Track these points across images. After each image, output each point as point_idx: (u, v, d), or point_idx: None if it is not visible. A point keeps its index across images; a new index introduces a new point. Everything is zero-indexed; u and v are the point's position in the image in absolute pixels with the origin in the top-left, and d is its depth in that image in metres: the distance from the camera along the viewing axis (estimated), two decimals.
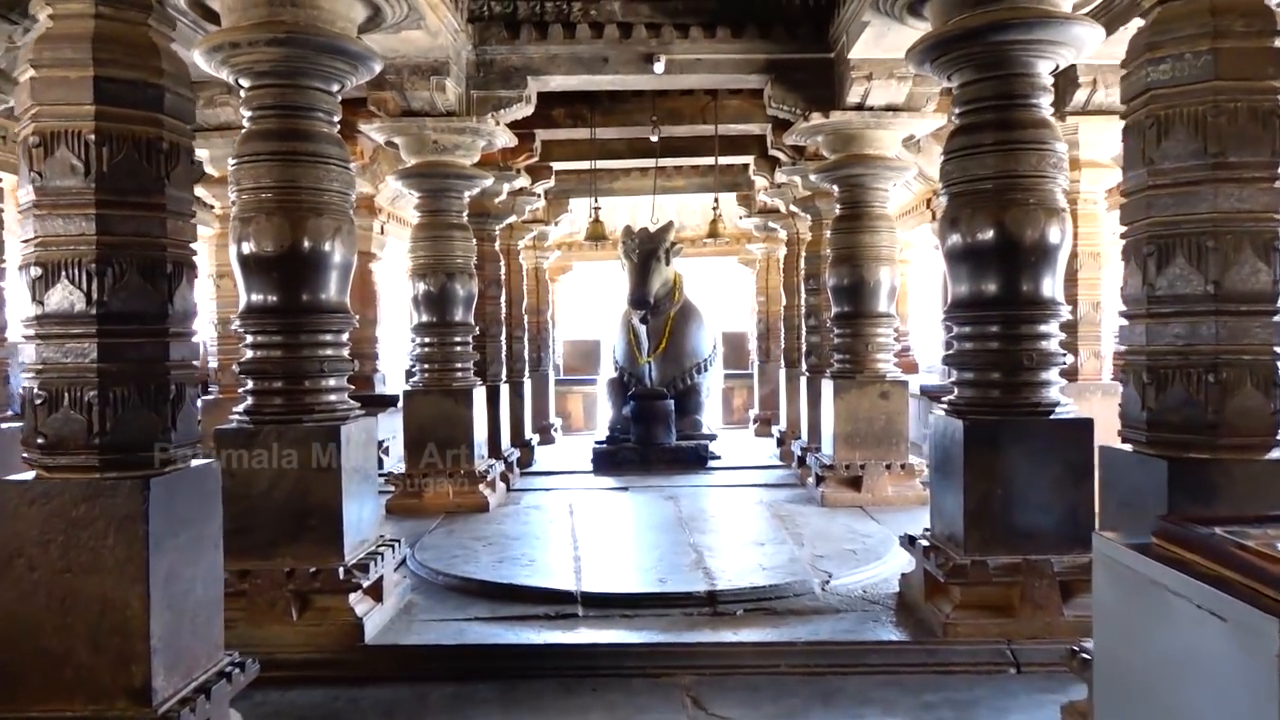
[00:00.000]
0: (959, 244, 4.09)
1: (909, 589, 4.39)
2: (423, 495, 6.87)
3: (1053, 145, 4.00)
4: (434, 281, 6.97)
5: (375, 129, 6.74)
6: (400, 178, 6.98)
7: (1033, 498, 3.90)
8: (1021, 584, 3.82)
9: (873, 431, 6.86)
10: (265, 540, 3.94)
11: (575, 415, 13.93)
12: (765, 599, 4.37)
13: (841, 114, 6.52)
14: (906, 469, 6.85)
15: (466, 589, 4.64)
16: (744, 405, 13.93)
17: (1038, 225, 3.93)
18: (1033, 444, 3.93)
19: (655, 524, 6.25)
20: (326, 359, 4.12)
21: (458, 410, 6.97)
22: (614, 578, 4.76)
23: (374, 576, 4.03)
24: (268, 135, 4.04)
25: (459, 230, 7.12)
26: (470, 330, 7.25)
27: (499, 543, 5.55)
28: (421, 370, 7.11)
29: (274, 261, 4.00)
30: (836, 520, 6.10)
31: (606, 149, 9.58)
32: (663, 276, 10.14)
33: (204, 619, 2.82)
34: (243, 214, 4.04)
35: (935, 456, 4.35)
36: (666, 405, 9.57)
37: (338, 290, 4.19)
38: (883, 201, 7.02)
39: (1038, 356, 3.98)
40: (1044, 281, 4.01)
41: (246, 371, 4.10)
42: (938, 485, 4.30)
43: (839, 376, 7.02)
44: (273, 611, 3.85)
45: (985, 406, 4.03)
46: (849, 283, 6.95)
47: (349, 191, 4.23)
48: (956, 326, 4.23)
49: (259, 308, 4.08)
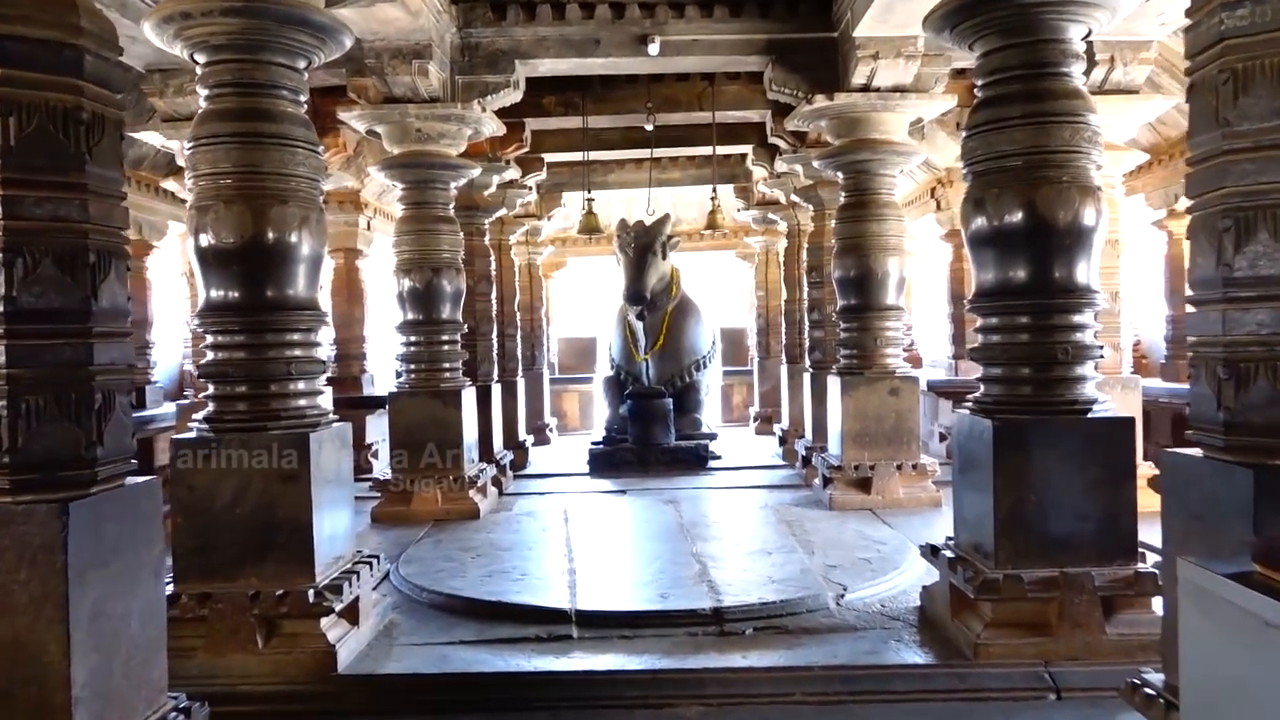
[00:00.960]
0: (984, 227, 3.74)
1: (932, 604, 4.05)
2: (410, 502, 6.51)
3: (1086, 118, 3.65)
4: (419, 277, 6.61)
5: (355, 117, 6.38)
6: (383, 168, 6.62)
7: (1069, 504, 3.56)
8: (1059, 600, 3.48)
9: (882, 430, 6.52)
10: (228, 560, 3.59)
11: (571, 415, 13.58)
12: (776, 616, 4.02)
13: (846, 96, 6.18)
14: (918, 469, 6.51)
15: (452, 607, 4.29)
16: (744, 403, 13.59)
17: (1071, 205, 3.59)
18: (1069, 445, 3.58)
19: (655, 531, 5.90)
20: (294, 360, 3.75)
21: (446, 412, 6.61)
22: (611, 593, 4.41)
23: (349, 598, 3.68)
24: (226, 115, 3.68)
25: (445, 223, 6.76)
26: (458, 328, 6.89)
27: (489, 554, 5.20)
28: (408, 370, 6.75)
29: (235, 254, 3.64)
30: (847, 525, 5.76)
31: (600, 139, 9.24)
32: (659, 271, 9.78)
33: (140, 660, 2.47)
34: (200, 202, 3.68)
35: (959, 459, 4.00)
36: (665, 404, 9.22)
37: (306, 285, 3.83)
38: (890, 188, 6.67)
39: (1073, 350, 3.63)
40: (1078, 267, 3.66)
41: (206, 375, 3.75)
42: (962, 490, 3.95)
43: (846, 373, 6.68)
44: (236, 639, 3.49)
45: (1015, 405, 3.68)
46: (855, 274, 6.61)
47: (317, 177, 3.87)
48: (982, 318, 3.88)
49: (219, 305, 3.72)
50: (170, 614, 3.44)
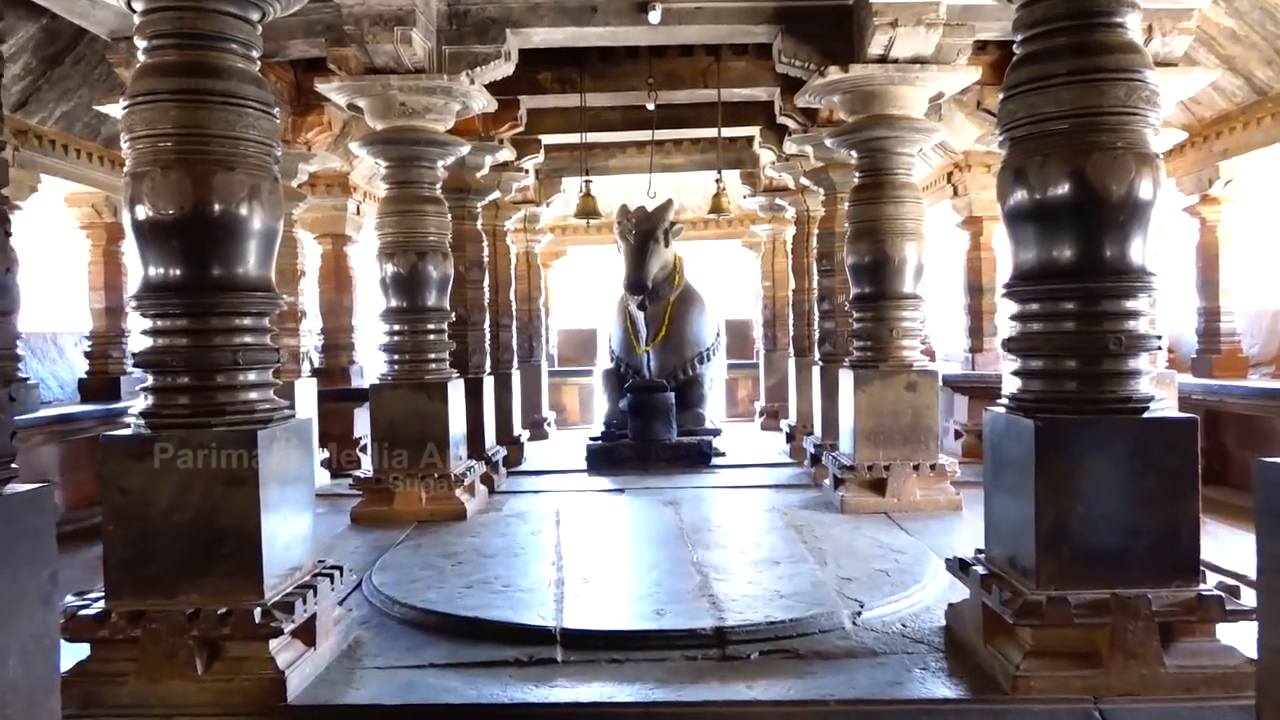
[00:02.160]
0: (1025, 200, 3.30)
1: (960, 625, 3.61)
2: (392, 502, 6.09)
3: (1144, 74, 3.19)
4: (403, 262, 6.18)
5: (334, 89, 5.94)
6: (364, 144, 6.19)
7: (1122, 516, 3.12)
8: (1110, 626, 3.04)
9: (898, 428, 6.08)
10: (165, 574, 3.17)
11: (570, 408, 13.15)
12: (785, 637, 3.59)
13: (862, 68, 5.73)
14: (937, 470, 6.06)
15: (425, 623, 3.86)
16: (749, 397, 13.14)
17: (1125, 174, 3.14)
18: (1121, 449, 3.14)
19: (652, 536, 5.46)
20: (243, 348, 3.32)
21: (431, 406, 6.18)
22: (602, 608, 3.97)
23: (303, 616, 3.25)
24: (165, 70, 3.24)
25: (432, 204, 6.32)
26: (445, 316, 6.45)
27: (471, 561, 4.78)
28: (390, 361, 6.32)
29: (174, 227, 3.20)
30: (861, 531, 5.32)
31: (599, 120, 8.80)
32: (662, 259, 9.34)
33: (25, 705, 2.05)
34: (135, 169, 3.25)
35: (992, 463, 3.56)
36: (666, 398, 8.78)
37: (258, 263, 3.39)
38: (907, 168, 6.22)
39: (1126, 340, 3.18)
40: (1132, 245, 3.21)
41: (143, 364, 3.31)
42: (996, 498, 3.51)
43: (859, 366, 6.23)
44: (172, 663, 3.07)
45: (1059, 402, 3.24)
46: (870, 260, 6.16)
47: (271, 143, 3.43)
48: (1021, 303, 3.44)
49: (158, 285, 3.28)
50: (99, 634, 3.06)
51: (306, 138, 7.37)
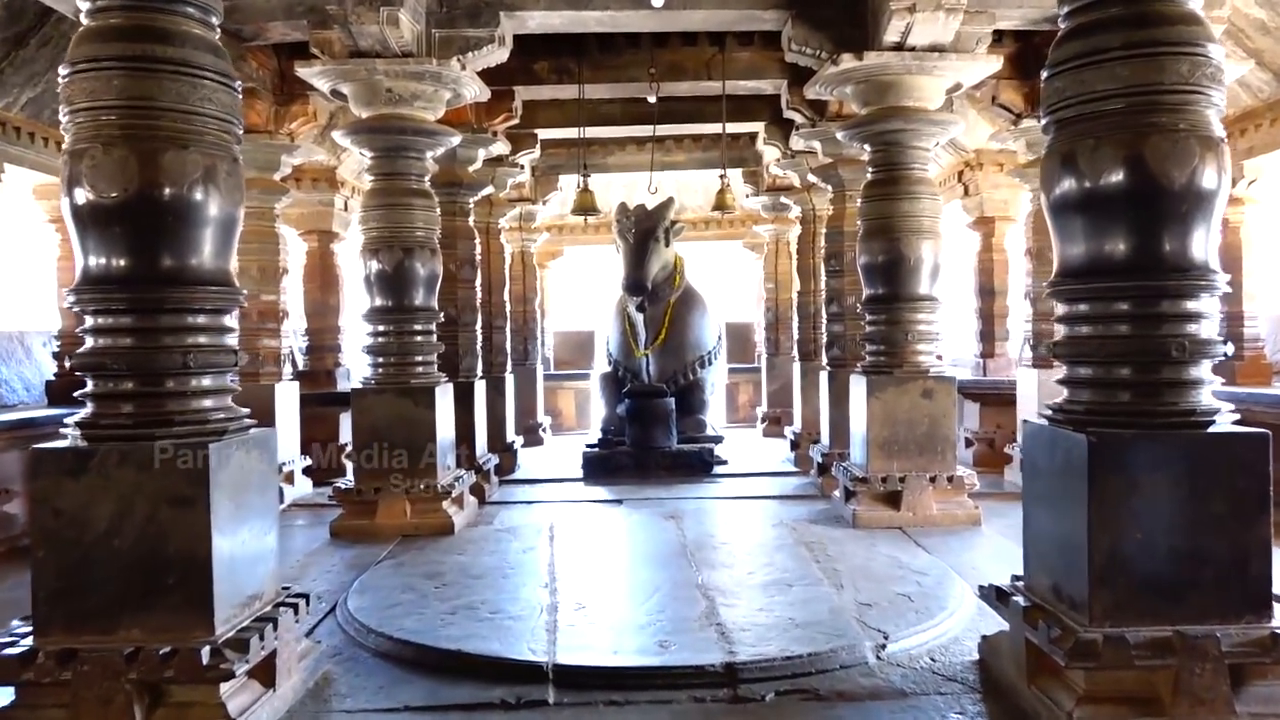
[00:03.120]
0: (1073, 190, 2.94)
1: (998, 661, 3.24)
2: (374, 515, 5.72)
3: (1206, 49, 2.84)
4: (388, 258, 5.81)
5: (316, 74, 5.59)
6: (348, 133, 5.83)
7: (1186, 543, 2.76)
8: (1175, 668, 2.68)
9: (913, 437, 5.72)
10: (102, 606, 2.79)
11: (566, 413, 12.78)
12: (803, 674, 3.22)
13: (877, 55, 5.39)
14: (954, 482, 5.70)
15: (403, 657, 3.48)
16: (750, 402, 12.79)
17: (1189, 160, 2.78)
18: (1184, 467, 2.78)
19: (653, 553, 5.09)
20: (196, 350, 2.95)
21: (417, 412, 5.81)
22: (599, 639, 3.60)
23: (259, 654, 2.88)
24: (111, 34, 2.88)
25: (420, 198, 5.95)
26: (433, 317, 6.08)
27: (457, 582, 4.40)
28: (374, 364, 5.94)
29: (117, 211, 2.83)
30: (876, 549, 4.95)
31: (598, 114, 8.44)
32: (662, 259, 8.97)
33: None
34: (75, 145, 2.88)
35: (1033, 481, 3.20)
36: (666, 403, 8.42)
37: (215, 254, 3.02)
38: (923, 163, 5.87)
39: (1189, 345, 2.83)
40: (1194, 239, 2.85)
41: (82, 368, 2.95)
42: (1038, 520, 3.15)
43: (872, 371, 5.87)
44: (107, 711, 2.69)
45: (1112, 415, 2.88)
46: (884, 260, 5.80)
47: (231, 119, 3.06)
48: (1067, 304, 3.09)
49: (98, 277, 2.91)
50: (24, 677, 2.68)
51: (290, 128, 7.02)
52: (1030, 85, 6.92)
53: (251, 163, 7.04)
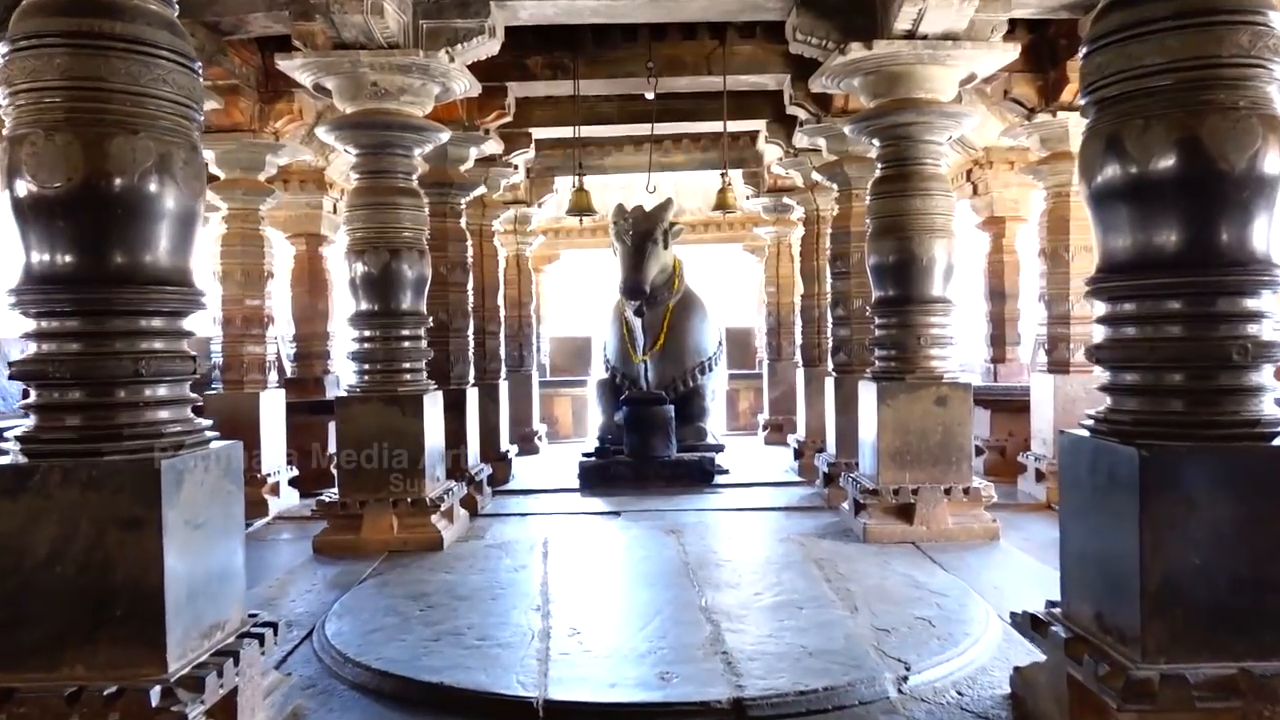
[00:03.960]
0: (1118, 175, 2.66)
1: (1034, 697, 2.95)
2: (360, 530, 5.43)
3: (1267, 18, 2.56)
4: (374, 260, 5.52)
5: (298, 67, 5.31)
6: (332, 129, 5.54)
7: (1250, 570, 2.48)
8: (1241, 711, 2.39)
9: (927, 447, 5.43)
10: (43, 640, 2.50)
11: (563, 420, 12.49)
12: (818, 711, 2.93)
13: (888, 44, 5.13)
14: (970, 494, 5.42)
15: (381, 689, 3.19)
16: (751, 409, 12.50)
17: (1250, 141, 2.50)
18: (1248, 485, 2.50)
19: (653, 572, 4.80)
20: (150, 356, 2.66)
21: (404, 421, 5.51)
22: (594, 669, 3.30)
23: (218, 692, 2.59)
24: (53, 8, 2.60)
25: (407, 197, 5.67)
26: (422, 321, 5.78)
27: (442, 605, 4.11)
28: (360, 371, 5.65)
29: (60, 203, 2.55)
30: (891, 567, 4.66)
31: (594, 112, 8.17)
32: (660, 261, 8.70)
33: None
34: (15, 130, 2.59)
35: (1074, 497, 2.91)
36: (665, 411, 8.13)
37: (172, 251, 2.73)
38: (936, 158, 5.59)
39: (1252, 348, 2.55)
40: (1255, 230, 2.57)
41: (21, 376, 2.66)
42: (1078, 542, 2.87)
43: (883, 378, 5.59)
44: None
45: (1165, 426, 2.59)
46: (895, 260, 5.53)
47: (190, 103, 2.77)
48: (1111, 302, 2.80)
49: (41, 276, 2.62)
50: None
51: (275, 127, 6.76)
52: (1045, 78, 6.66)
53: (235, 163, 6.78)
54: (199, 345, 8.41)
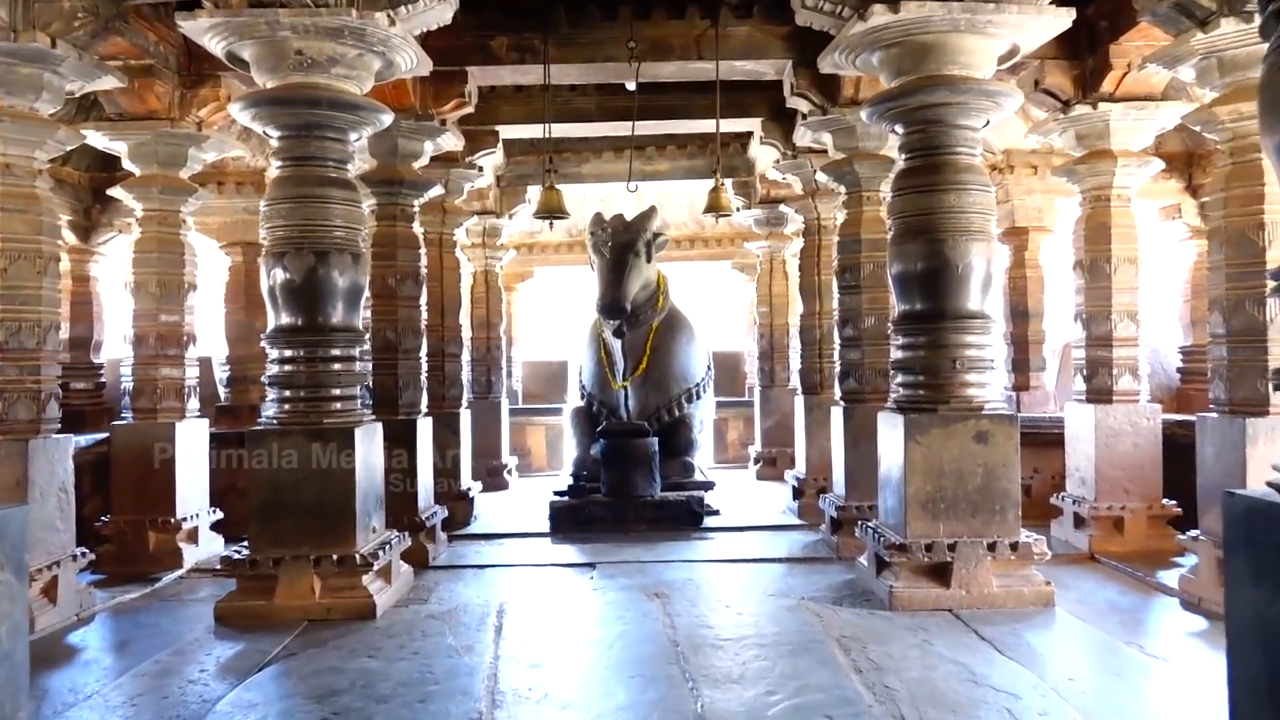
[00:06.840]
0: None
1: None
2: (273, 594, 4.39)
3: None
4: (296, 264, 4.47)
5: (205, 29, 4.41)
6: (248, 106, 4.56)
7: None
8: None
9: (965, 493, 4.49)
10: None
11: (536, 452, 11.48)
12: None
13: (919, 6, 4.30)
14: (1020, 551, 4.46)
15: None
16: (740, 440, 11.54)
17: None
18: None
19: (633, 656, 3.79)
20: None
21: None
22: None
23: None
24: None
25: (339, 189, 4.62)
26: (357, 339, 4.72)
27: (354, 710, 3.10)
28: (278, 399, 4.61)
29: None
30: (934, 650, 3.68)
31: (570, 108, 7.30)
32: (643, 276, 7.80)
33: None
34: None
35: (1264, 585, 1.97)
36: (648, 444, 7.17)
37: None
38: (971, 146, 4.70)
39: None
40: None
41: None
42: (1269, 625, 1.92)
43: (910, 408, 4.65)
44: None
45: None
46: (923, 267, 4.61)
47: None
48: None
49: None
50: None
51: (199, 115, 5.84)
52: (1082, 66, 5.82)
53: (151, 157, 5.81)
54: (111, 368, 7.42)
